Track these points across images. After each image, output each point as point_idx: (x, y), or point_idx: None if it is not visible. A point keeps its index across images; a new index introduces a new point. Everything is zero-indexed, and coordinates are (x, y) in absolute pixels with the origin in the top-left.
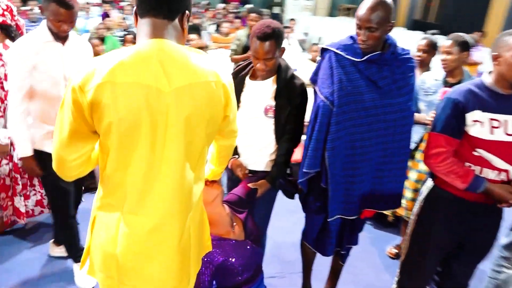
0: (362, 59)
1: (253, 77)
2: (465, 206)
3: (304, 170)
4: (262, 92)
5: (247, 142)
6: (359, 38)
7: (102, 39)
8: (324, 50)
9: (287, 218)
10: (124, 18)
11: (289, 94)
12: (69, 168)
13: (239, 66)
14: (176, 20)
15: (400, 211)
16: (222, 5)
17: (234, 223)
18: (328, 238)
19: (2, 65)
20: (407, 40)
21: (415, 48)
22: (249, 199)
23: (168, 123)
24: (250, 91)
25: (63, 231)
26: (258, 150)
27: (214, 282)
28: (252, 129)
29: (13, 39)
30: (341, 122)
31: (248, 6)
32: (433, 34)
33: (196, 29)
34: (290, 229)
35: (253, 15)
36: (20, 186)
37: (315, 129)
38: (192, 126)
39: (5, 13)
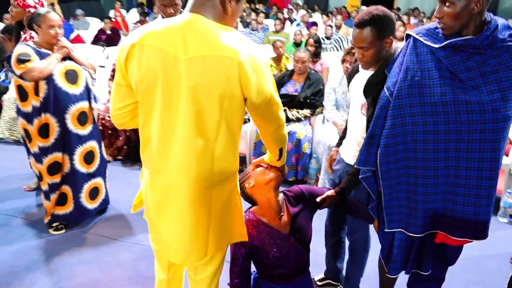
0: (441, 44)
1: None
2: None
3: (355, 166)
4: (360, 84)
5: (349, 136)
6: (436, 15)
7: None
8: (407, 36)
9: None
10: None
11: (376, 95)
12: (114, 116)
13: None
14: (217, 0)
15: None
16: None
17: (282, 213)
18: (391, 254)
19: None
20: None
21: None
22: (311, 199)
23: (180, 89)
24: (355, 80)
25: None
26: (357, 146)
27: (253, 266)
28: (352, 123)
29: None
30: (398, 117)
31: None
32: None
33: None
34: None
35: None
36: None
37: (371, 122)
38: (199, 96)
39: (37, 5)
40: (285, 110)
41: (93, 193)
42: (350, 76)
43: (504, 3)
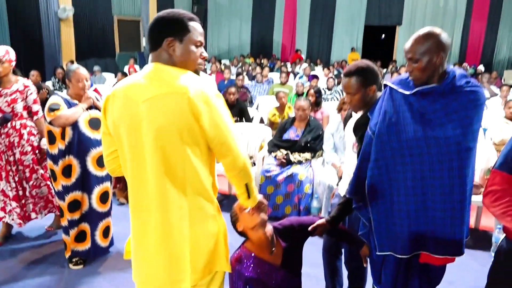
0: (412, 92)
1: None
2: None
3: (346, 195)
4: (350, 125)
5: (345, 172)
6: (406, 70)
7: None
8: (385, 86)
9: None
10: None
11: (363, 134)
12: (105, 163)
13: None
14: (161, 48)
15: None
16: None
17: (274, 248)
18: (381, 276)
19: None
20: None
21: None
22: (301, 229)
23: (142, 130)
24: (349, 124)
25: None
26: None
27: None
28: (347, 160)
29: None
30: (380, 151)
31: None
32: None
33: None
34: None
35: None
36: None
37: (358, 157)
38: (164, 136)
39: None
40: (287, 154)
41: (106, 232)
42: (345, 120)
43: (499, 55)
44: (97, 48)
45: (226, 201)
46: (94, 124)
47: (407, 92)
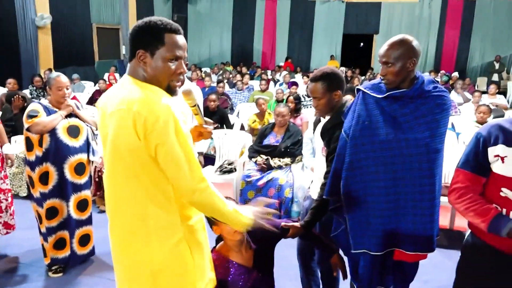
0: (383, 95)
1: None
2: (502, 261)
3: (324, 197)
4: (318, 130)
5: (314, 175)
6: (380, 74)
7: None
8: (358, 90)
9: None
10: None
11: (330, 138)
12: None
13: None
14: (134, 61)
15: None
16: None
17: (247, 248)
18: (357, 274)
19: None
20: None
21: None
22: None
23: (107, 143)
24: (317, 129)
25: None
26: (321, 183)
27: None
28: (317, 164)
29: None
30: (354, 153)
31: None
32: None
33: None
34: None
35: None
36: None
37: (333, 160)
38: (114, 149)
39: None
40: (267, 159)
41: (84, 240)
42: (314, 125)
43: (472, 63)
44: (75, 56)
45: None
46: (73, 132)
47: (379, 96)
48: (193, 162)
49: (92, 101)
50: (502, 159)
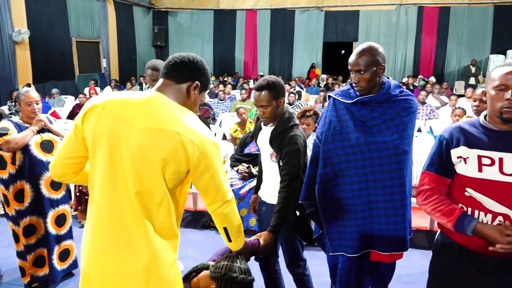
0: (352, 101)
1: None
2: (469, 258)
3: (300, 202)
4: (265, 137)
5: (265, 181)
6: (353, 81)
7: None
8: (329, 97)
9: None
10: None
11: (280, 143)
12: (56, 166)
13: None
14: (184, 85)
15: None
16: None
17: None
18: (336, 276)
19: None
20: None
21: None
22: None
23: (123, 154)
24: (261, 135)
25: None
26: (274, 187)
27: None
28: (266, 170)
29: None
30: (327, 158)
31: None
32: None
33: None
34: None
35: None
36: None
37: (307, 165)
38: (140, 163)
39: None
40: (249, 167)
41: (64, 255)
42: (255, 132)
43: (449, 67)
44: (55, 71)
45: (191, 218)
46: (47, 147)
47: (349, 101)
48: (226, 178)
49: (72, 115)
50: (465, 160)
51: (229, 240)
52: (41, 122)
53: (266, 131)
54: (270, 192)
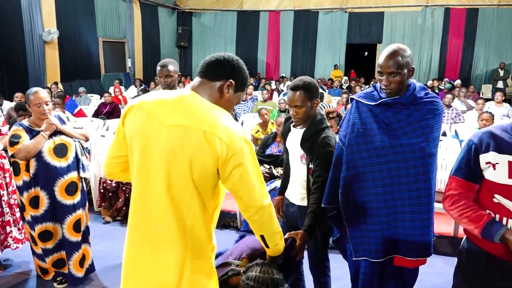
0: (376, 103)
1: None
2: (496, 266)
3: (322, 205)
4: (296, 139)
5: (292, 182)
6: (382, 84)
7: None
8: (351, 100)
9: None
10: None
11: (311, 145)
12: (106, 165)
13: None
14: (217, 83)
15: None
16: None
17: None
18: (358, 281)
19: None
20: None
21: None
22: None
23: (152, 153)
24: (290, 137)
25: None
26: (303, 189)
27: None
28: (294, 172)
29: None
30: (351, 161)
31: None
32: None
33: None
34: None
35: None
36: None
37: (331, 168)
38: (171, 161)
39: None
40: (270, 168)
41: (82, 261)
42: (284, 135)
43: (476, 70)
44: (82, 70)
45: None
46: (60, 151)
47: (372, 103)
48: (261, 181)
49: (97, 113)
50: (494, 166)
51: (267, 247)
52: (52, 126)
53: (296, 133)
54: (299, 194)
